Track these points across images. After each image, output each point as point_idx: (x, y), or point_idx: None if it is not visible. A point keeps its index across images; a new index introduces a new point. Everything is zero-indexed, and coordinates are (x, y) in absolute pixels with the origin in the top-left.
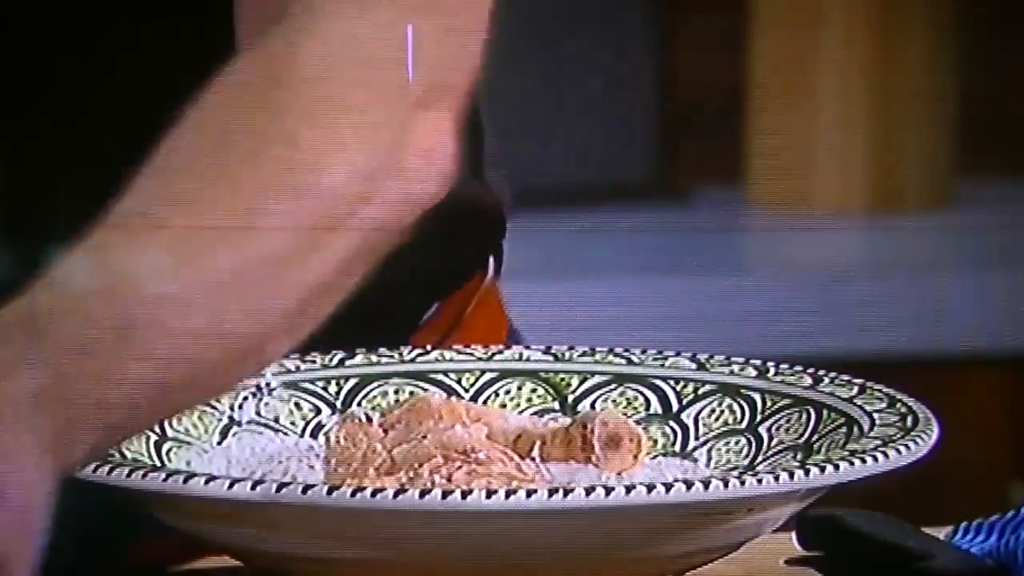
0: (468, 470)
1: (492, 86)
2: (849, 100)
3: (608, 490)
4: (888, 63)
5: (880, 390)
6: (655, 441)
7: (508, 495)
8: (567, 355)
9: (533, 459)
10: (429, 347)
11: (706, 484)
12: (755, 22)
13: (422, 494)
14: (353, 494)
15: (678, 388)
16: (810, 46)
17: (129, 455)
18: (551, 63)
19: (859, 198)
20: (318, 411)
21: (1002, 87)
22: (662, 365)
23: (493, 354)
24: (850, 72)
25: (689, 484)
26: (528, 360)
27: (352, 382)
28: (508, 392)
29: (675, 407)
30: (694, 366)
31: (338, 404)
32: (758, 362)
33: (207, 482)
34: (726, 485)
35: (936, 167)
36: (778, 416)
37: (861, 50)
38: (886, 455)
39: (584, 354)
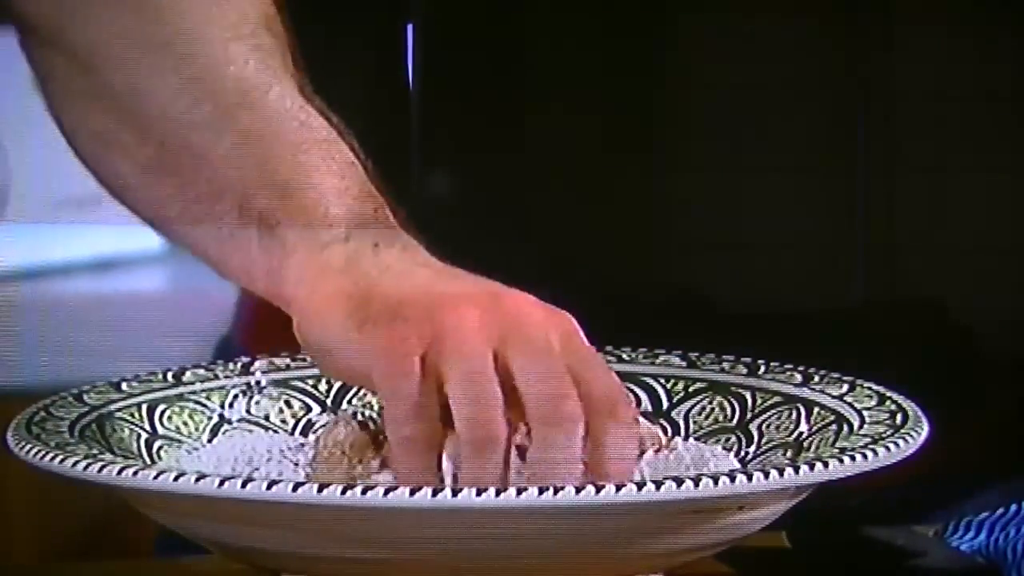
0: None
1: None
2: None
3: (598, 488)
4: None
5: (870, 388)
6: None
7: (498, 493)
8: None
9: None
10: None
11: (696, 482)
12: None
13: (412, 492)
14: (343, 492)
15: (668, 386)
16: None
17: (119, 453)
18: None
19: None
20: (308, 409)
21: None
22: (652, 363)
23: None
24: None
25: (680, 481)
26: None
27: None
28: None
29: (665, 405)
30: (684, 364)
31: (328, 402)
32: (748, 360)
33: (197, 480)
34: (716, 483)
35: None
36: (768, 414)
37: None
38: (876, 453)
39: None
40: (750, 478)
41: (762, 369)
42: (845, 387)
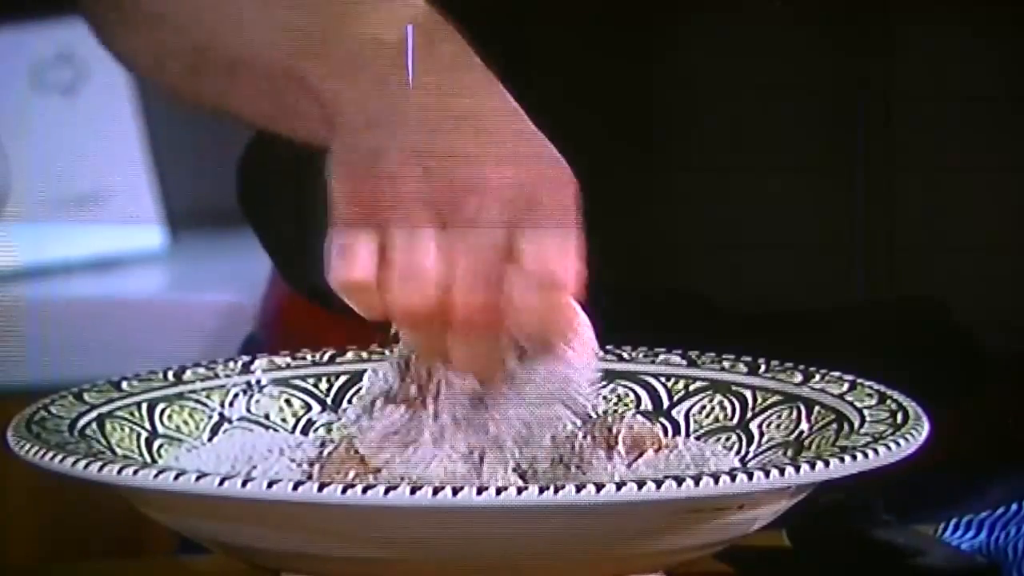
0: None
1: None
2: None
3: (598, 487)
4: None
5: (871, 387)
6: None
7: (498, 492)
8: None
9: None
10: None
11: (697, 480)
12: None
13: (412, 491)
14: (343, 492)
15: (669, 385)
16: None
17: (119, 452)
18: None
19: None
20: (309, 408)
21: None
22: (652, 362)
23: None
24: None
25: (680, 480)
26: None
27: (343, 379)
28: None
29: (666, 404)
30: (685, 363)
31: (328, 401)
32: (749, 358)
33: (197, 479)
34: (716, 482)
35: None
36: (769, 413)
37: None
38: (876, 452)
39: None
40: (750, 477)
41: (762, 367)
42: (845, 386)
